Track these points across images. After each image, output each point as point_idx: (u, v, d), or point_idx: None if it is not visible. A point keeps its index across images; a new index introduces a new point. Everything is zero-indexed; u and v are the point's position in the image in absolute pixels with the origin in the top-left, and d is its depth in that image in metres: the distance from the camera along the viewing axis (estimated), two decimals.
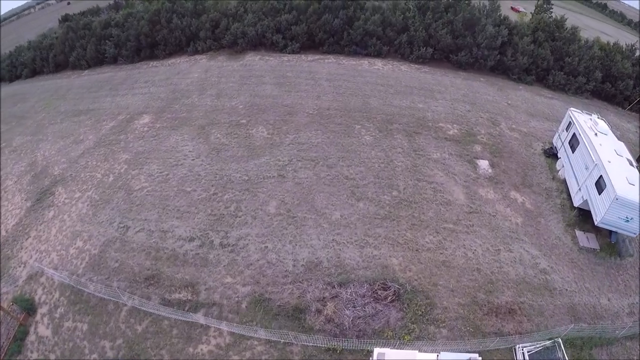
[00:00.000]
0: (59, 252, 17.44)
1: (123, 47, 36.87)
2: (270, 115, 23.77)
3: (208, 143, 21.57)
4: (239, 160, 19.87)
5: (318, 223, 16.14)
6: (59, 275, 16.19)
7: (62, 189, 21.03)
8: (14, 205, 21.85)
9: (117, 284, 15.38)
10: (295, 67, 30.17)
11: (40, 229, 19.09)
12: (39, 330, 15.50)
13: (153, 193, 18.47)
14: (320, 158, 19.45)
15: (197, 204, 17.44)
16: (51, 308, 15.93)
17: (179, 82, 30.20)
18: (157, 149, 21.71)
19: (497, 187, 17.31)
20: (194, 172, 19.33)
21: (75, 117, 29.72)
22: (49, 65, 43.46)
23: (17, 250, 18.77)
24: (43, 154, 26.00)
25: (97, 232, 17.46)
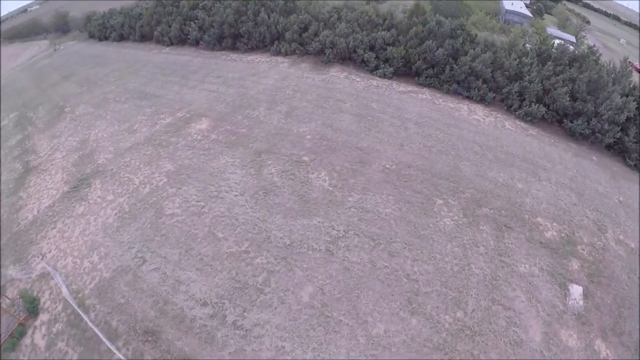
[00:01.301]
0: (75, 259, 20.38)
1: (207, 31, 43.04)
2: (339, 158, 24.24)
3: (259, 178, 22.99)
4: (287, 214, 20.53)
5: (354, 334, 15.41)
6: (65, 290, 19.06)
7: (99, 184, 24.93)
8: (53, 184, 26.78)
9: (116, 324, 17.19)
10: (383, 98, 30.47)
11: (67, 222, 22.83)
12: (35, 338, 18.28)
13: (182, 226, 20.34)
14: (383, 238, 18.83)
15: (223, 259, 18.45)
16: (51, 319, 18.61)
17: (251, 87, 33.44)
18: (203, 169, 24.09)
19: (583, 331, 15.98)
20: (232, 214, 20.71)
21: (138, 100, 35.45)
22: (135, 34, 53.55)
23: (40, 238, 22.73)
24: (96, 134, 31.53)
25: (114, 252, 19.93)
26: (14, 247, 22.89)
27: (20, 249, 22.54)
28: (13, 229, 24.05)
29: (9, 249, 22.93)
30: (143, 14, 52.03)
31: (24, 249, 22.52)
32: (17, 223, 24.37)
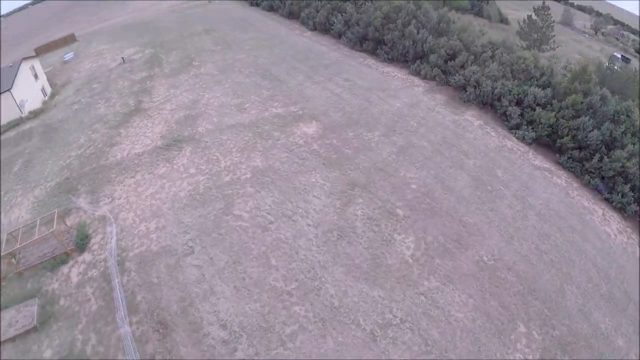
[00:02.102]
0: (135, 217, 23.38)
1: (351, 28, 45.57)
2: (436, 226, 22.52)
3: (340, 215, 22.93)
4: (350, 271, 19.80)
5: None
6: (113, 244, 22.08)
7: (188, 152, 28.19)
8: (151, 134, 31.30)
9: (140, 299, 19.21)
10: (513, 167, 27.39)
11: (146, 178, 26.37)
12: (72, 272, 21.73)
13: (242, 233, 21.39)
14: (438, 347, 16.79)
15: (263, 290, 18.58)
16: (91, 263, 21.82)
17: (376, 103, 33.89)
18: (289, 180, 25.16)
19: None
20: (295, 244, 21.01)
21: (260, 78, 39.16)
22: (283, 9, 60.11)
23: (118, 181, 26.74)
24: (209, 99, 35.82)
25: (170, 229, 22.15)
26: (94, 178, 27.47)
27: (97, 182, 26.93)
28: (100, 161, 28.89)
29: (89, 178, 27.62)
30: None
31: (100, 185, 26.79)
32: (106, 157, 29.18)
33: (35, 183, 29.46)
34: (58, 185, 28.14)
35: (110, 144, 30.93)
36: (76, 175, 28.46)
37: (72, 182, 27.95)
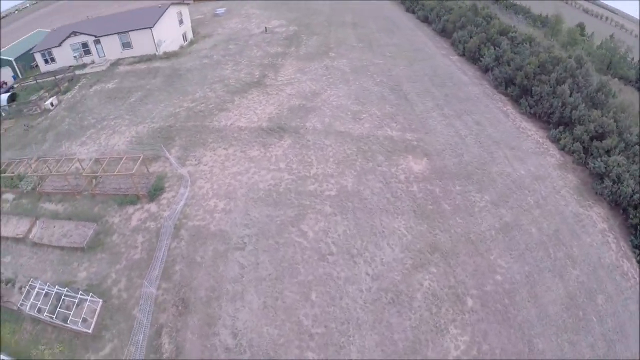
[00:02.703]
0: (210, 190, 25.29)
1: (500, 66, 42.98)
2: (500, 337, 20.30)
3: (405, 280, 21.24)
4: (388, 353, 18.66)
5: None
6: (179, 207, 24.33)
7: (286, 144, 29.32)
8: (260, 112, 33.48)
9: (177, 270, 21.28)
10: None
11: (237, 156, 28.08)
12: (135, 215, 24.85)
13: (296, 252, 21.38)
14: None
15: (287, 321, 18.72)
16: (152, 216, 24.62)
17: (499, 161, 30.54)
18: (369, 215, 24.18)
19: None
20: (342, 289, 20.05)
21: (390, 91, 38.71)
22: (437, 23, 59.94)
23: (213, 147, 29.24)
24: (329, 96, 36.76)
25: (234, 216, 23.36)
26: (192, 135, 30.57)
27: (193, 141, 29.92)
28: (205, 122, 31.99)
29: (188, 133, 30.80)
30: (454, 9, 57.78)
31: (194, 145, 29.71)
32: (211, 119, 32.19)
33: (142, 119, 33.94)
34: (160, 129, 32.03)
35: (221, 108, 33.96)
36: (178, 127, 32.02)
37: (172, 131, 31.50)
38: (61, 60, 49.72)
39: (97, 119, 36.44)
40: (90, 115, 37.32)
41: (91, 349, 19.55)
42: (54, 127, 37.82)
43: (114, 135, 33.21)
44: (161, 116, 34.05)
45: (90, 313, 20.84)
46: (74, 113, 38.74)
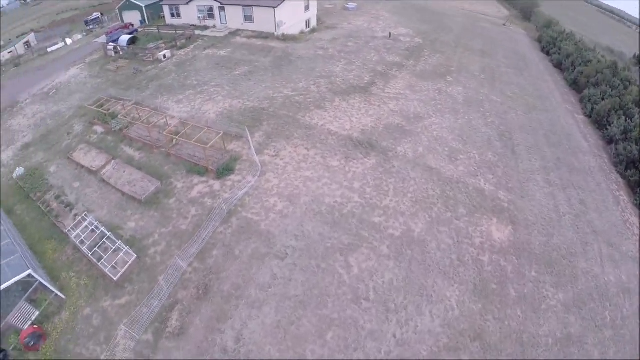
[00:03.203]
0: (274, 187, 25.26)
1: (628, 142, 37.59)
2: None
3: (431, 355, 19.55)
4: None
5: None
6: (240, 193, 24.50)
7: (368, 164, 28.02)
8: (356, 121, 32.50)
9: (214, 254, 21.47)
10: None
11: (316, 160, 27.47)
12: (194, 189, 25.86)
13: (334, 286, 20.02)
14: None
15: (291, 349, 18.38)
16: (206, 196, 25.75)
17: (592, 256, 25.74)
18: (427, 272, 21.82)
19: None
20: (360, 338, 18.53)
21: (498, 137, 35.09)
22: (569, 73, 54.72)
23: (293, 144, 29.17)
24: (432, 123, 34.43)
25: (287, 223, 22.91)
26: (280, 125, 31.01)
27: (279, 131, 30.42)
28: (297, 114, 32.23)
29: (276, 121, 31.22)
30: (592, 62, 53.08)
31: (279, 135, 30.13)
32: (304, 113, 32.29)
33: (240, 94, 35.27)
34: (252, 110, 33.01)
35: (318, 105, 33.93)
36: (271, 112, 32.68)
37: (263, 115, 32.23)
38: (186, 17, 54.08)
39: (199, 81, 38.74)
40: (195, 77, 39.75)
41: (110, 294, 21.36)
42: (160, 78, 40.86)
43: (209, 102, 34.89)
44: (258, 96, 35.03)
45: (122, 263, 22.18)
46: (181, 70, 41.58)
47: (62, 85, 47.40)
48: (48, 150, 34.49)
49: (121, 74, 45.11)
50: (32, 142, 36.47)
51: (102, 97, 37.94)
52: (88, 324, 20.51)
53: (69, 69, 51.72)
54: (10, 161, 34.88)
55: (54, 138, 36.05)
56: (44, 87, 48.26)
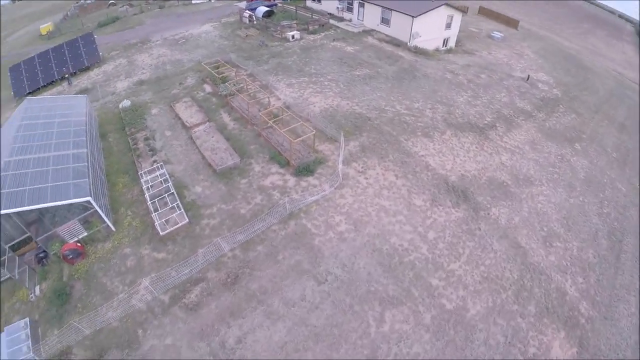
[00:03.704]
0: (345, 204, 24.34)
1: None
2: None
3: None
4: None
5: None
6: (294, 202, 24.34)
7: (455, 215, 25.74)
8: (460, 163, 30.56)
9: (229, 252, 21.35)
10: None
11: (400, 193, 26.07)
12: (269, 178, 26.23)
13: (353, 339, 19.16)
14: None
15: None
16: (276, 188, 25.70)
17: None
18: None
19: None
20: None
21: (606, 235, 30.67)
22: None
23: (386, 161, 28.06)
24: (537, 191, 31.33)
25: (341, 248, 21.99)
26: (381, 142, 30.05)
27: (376, 148, 29.40)
28: (402, 137, 30.96)
29: (378, 138, 30.30)
30: None
31: (374, 153, 29.18)
32: (408, 139, 30.81)
33: (351, 97, 35.40)
34: (357, 116, 32.80)
35: (427, 133, 32.11)
36: (375, 124, 32.00)
37: (365, 125, 31.65)
38: (326, 4, 55.57)
39: (317, 71, 39.32)
40: (315, 65, 40.45)
41: (151, 245, 22.74)
42: (281, 56, 42.30)
43: (318, 95, 35.24)
44: (369, 104, 34.56)
45: (173, 222, 23.25)
46: (304, 54, 42.63)
47: (192, 37, 51.44)
48: (157, 93, 37.45)
49: (248, 42, 47.60)
50: (147, 81, 39.92)
51: (220, 60, 40.18)
52: (122, 263, 22.07)
53: (204, 24, 55.97)
54: (123, 92, 38.50)
55: (166, 83, 39.07)
56: (176, 34, 52.75)
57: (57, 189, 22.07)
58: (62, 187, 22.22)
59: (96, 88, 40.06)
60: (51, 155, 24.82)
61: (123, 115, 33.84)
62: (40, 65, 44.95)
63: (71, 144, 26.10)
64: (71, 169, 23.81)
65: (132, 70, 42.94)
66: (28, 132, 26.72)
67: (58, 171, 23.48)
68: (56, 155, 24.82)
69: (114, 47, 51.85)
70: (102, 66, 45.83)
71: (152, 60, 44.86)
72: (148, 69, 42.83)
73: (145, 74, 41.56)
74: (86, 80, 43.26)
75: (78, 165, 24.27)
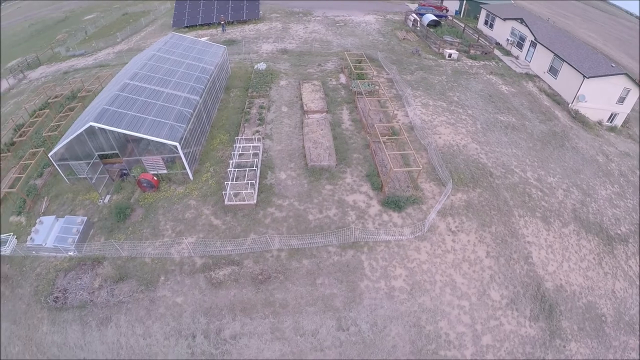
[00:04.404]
0: (415, 261, 21.24)
1: None
2: None
3: None
4: None
5: None
6: (359, 228, 21.86)
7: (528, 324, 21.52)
8: (585, 262, 25.24)
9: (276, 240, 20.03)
10: None
11: (474, 274, 22.39)
12: (370, 205, 24.02)
13: None
14: None
15: None
16: (368, 211, 23.46)
17: None
18: None
19: None
20: None
21: None
22: None
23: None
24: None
25: (381, 304, 19.22)
26: (491, 209, 25.46)
27: (481, 213, 24.96)
28: (514, 205, 25.92)
29: (494, 208, 25.80)
30: None
31: (480, 217, 24.74)
32: (522, 212, 25.57)
33: (482, 141, 30.62)
34: (481, 166, 28.05)
35: (546, 218, 26.35)
36: (496, 183, 26.99)
37: (485, 179, 26.89)
38: (496, 33, 50.72)
39: (459, 101, 35.67)
40: (459, 93, 36.98)
41: (214, 208, 22.96)
42: (428, 71, 39.65)
43: (449, 127, 31.73)
44: (498, 158, 29.62)
45: (240, 198, 22.75)
46: (453, 77, 39.40)
47: (352, 23, 50.63)
48: (294, 66, 37.31)
49: (402, 45, 45.36)
50: (290, 52, 40.08)
51: (363, 55, 38.56)
52: (182, 211, 22.71)
53: (368, 14, 54.77)
54: (264, 54, 39.05)
55: (306, 60, 38.77)
56: (337, 15, 52.23)
57: (154, 124, 22.69)
58: (159, 125, 22.81)
59: (243, 42, 41.23)
60: (166, 91, 25.68)
61: (253, 76, 34.27)
62: (204, 6, 48.06)
63: (188, 88, 26.78)
64: (176, 111, 24.36)
65: (282, 36, 43.52)
66: (156, 64, 28.04)
67: (164, 108, 24.17)
68: (170, 94, 25.61)
69: (276, 9, 53.25)
70: (258, 24, 47.27)
71: (304, 33, 45.01)
72: (297, 40, 43.01)
73: (292, 44, 41.79)
74: (238, 32, 44.96)
75: (184, 110, 24.75)
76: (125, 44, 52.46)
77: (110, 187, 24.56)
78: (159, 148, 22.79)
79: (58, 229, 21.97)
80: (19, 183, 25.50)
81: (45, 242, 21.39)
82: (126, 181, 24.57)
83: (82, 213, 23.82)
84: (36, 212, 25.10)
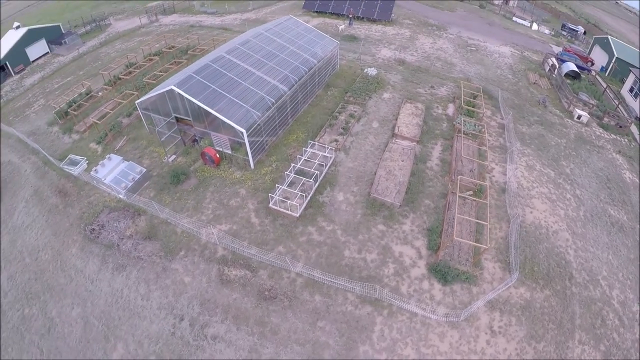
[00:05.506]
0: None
1: None
2: None
3: None
4: None
5: None
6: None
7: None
8: None
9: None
10: None
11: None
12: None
13: None
14: None
15: None
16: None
17: None
18: None
19: None
20: None
21: None
22: None
23: None
24: None
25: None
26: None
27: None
28: None
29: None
30: None
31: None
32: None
33: (584, 237, 25.65)
34: (563, 264, 23.64)
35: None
36: (571, 290, 22.62)
37: (561, 281, 22.71)
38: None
39: (570, 174, 29.81)
40: (574, 165, 31.06)
41: (257, 205, 22.80)
42: (548, 129, 34.76)
43: (547, 202, 26.48)
44: (588, 260, 24.63)
45: (286, 207, 21.91)
46: (571, 146, 33.57)
47: (484, 51, 46.23)
48: (405, 80, 35.28)
49: (530, 90, 40.38)
50: (408, 64, 37.96)
51: (481, 90, 34.92)
52: (229, 196, 23.19)
53: (506, 44, 49.68)
54: (380, 59, 37.24)
55: (420, 77, 36.45)
56: (472, 38, 48.10)
57: (231, 104, 22.55)
58: (235, 106, 22.64)
59: (363, 42, 39.77)
60: (257, 74, 25.32)
61: (359, 79, 32.82)
62: None
63: (281, 76, 26.17)
64: (258, 96, 23.95)
65: (406, 46, 41.22)
66: (259, 43, 27.71)
67: (247, 90, 23.90)
68: (260, 77, 25.20)
69: (410, 16, 50.58)
70: (387, 27, 45.35)
71: (430, 48, 42.17)
72: (420, 53, 40.46)
73: (412, 57, 39.40)
74: (364, 30, 43.51)
75: (267, 97, 24.23)
76: (254, 14, 53.99)
77: (180, 148, 25.14)
78: (228, 128, 22.63)
79: (119, 171, 23.25)
80: (106, 117, 27.25)
81: (105, 177, 22.75)
82: (195, 147, 25.03)
83: (147, 163, 24.99)
84: (112, 147, 26.74)
